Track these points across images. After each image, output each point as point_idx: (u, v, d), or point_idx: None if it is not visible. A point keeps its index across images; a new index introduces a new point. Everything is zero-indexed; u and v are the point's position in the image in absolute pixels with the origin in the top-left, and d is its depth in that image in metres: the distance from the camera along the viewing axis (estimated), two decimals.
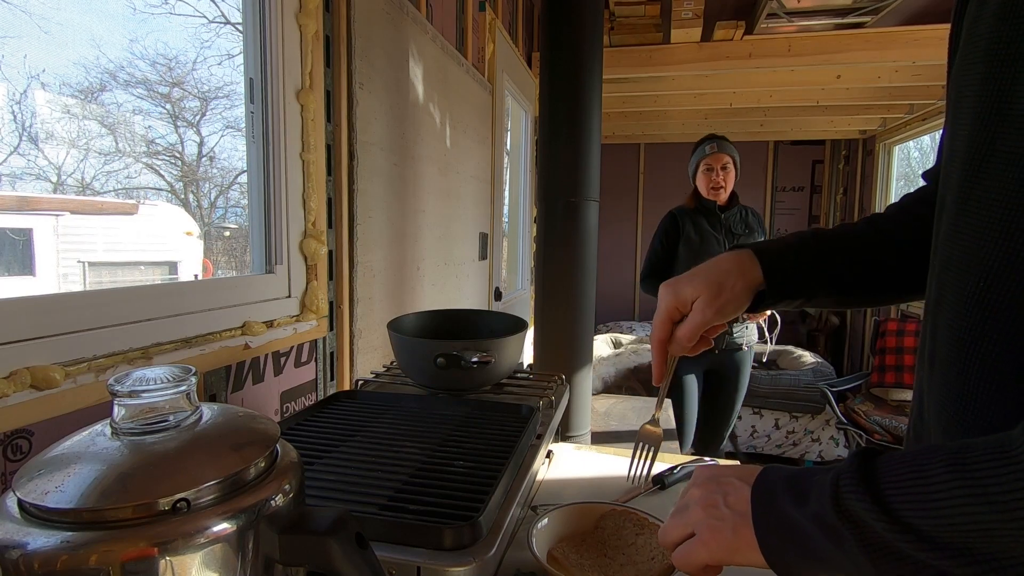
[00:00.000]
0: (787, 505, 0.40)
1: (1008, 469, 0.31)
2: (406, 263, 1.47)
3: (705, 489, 0.47)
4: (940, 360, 0.44)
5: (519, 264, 3.04)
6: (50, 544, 0.31)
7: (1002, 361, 0.38)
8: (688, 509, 0.47)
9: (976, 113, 0.39)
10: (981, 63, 0.39)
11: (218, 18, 1.08)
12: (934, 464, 0.34)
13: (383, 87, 1.30)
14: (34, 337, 0.63)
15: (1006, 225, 0.37)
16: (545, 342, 2.05)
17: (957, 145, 0.42)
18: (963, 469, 0.33)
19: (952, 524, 0.32)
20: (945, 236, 0.44)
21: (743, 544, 0.42)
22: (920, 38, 2.65)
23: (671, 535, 0.48)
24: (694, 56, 2.96)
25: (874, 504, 0.35)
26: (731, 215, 2.28)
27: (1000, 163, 0.38)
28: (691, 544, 0.45)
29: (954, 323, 0.42)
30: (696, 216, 2.29)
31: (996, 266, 0.38)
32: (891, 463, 0.37)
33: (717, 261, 0.63)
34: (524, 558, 0.65)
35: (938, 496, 0.33)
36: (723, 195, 2.26)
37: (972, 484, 0.32)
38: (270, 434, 0.41)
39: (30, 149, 0.87)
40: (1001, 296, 0.38)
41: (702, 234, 2.25)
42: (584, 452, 1.04)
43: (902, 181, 4.83)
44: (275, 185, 1.00)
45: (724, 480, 0.46)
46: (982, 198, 0.39)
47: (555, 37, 1.92)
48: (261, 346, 0.92)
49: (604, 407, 2.89)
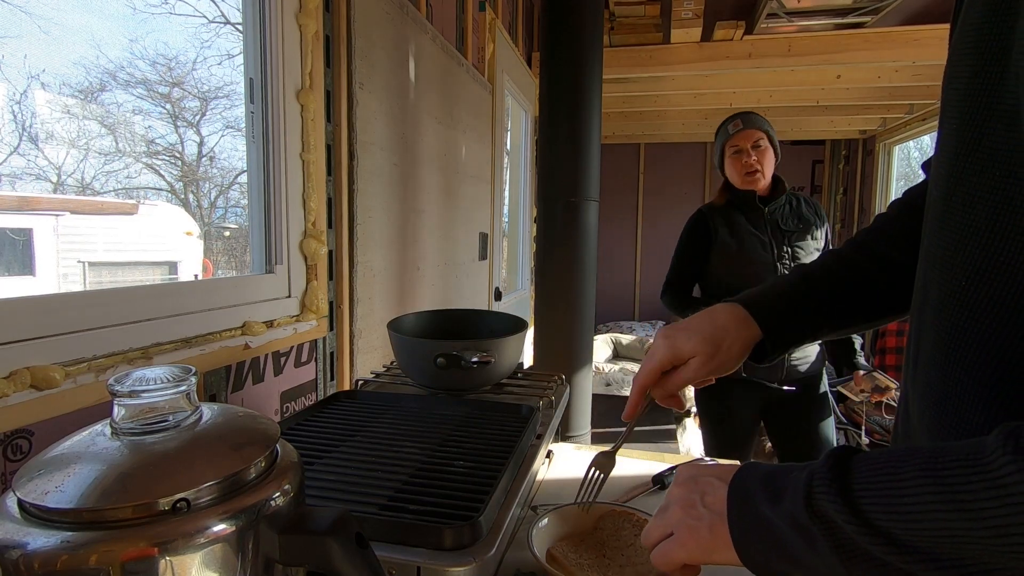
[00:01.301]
0: (762, 504, 0.40)
1: (979, 477, 0.31)
2: (406, 263, 1.47)
3: (684, 489, 0.47)
4: (924, 360, 0.44)
5: (519, 264, 3.04)
6: (50, 544, 0.31)
7: (983, 362, 0.38)
8: (668, 509, 0.47)
9: (964, 107, 0.39)
10: (970, 57, 0.38)
11: (218, 18, 1.08)
12: (907, 468, 0.34)
13: (383, 87, 1.30)
14: (34, 337, 0.63)
15: (990, 223, 0.37)
16: (545, 342, 2.05)
17: (946, 140, 0.42)
18: (935, 474, 0.33)
19: (922, 529, 0.32)
20: (931, 233, 0.44)
21: (720, 544, 0.42)
22: (920, 38, 2.65)
23: (652, 535, 0.48)
24: (694, 56, 2.96)
25: (845, 506, 0.35)
26: (777, 206, 1.72)
27: (985, 158, 0.37)
28: (669, 544, 0.45)
29: (937, 322, 0.42)
30: (731, 213, 1.75)
31: (979, 265, 0.38)
32: (865, 464, 0.36)
33: (713, 314, 0.63)
34: (524, 558, 0.65)
35: (909, 500, 0.33)
36: (761, 181, 1.70)
37: (944, 490, 0.32)
38: (270, 434, 0.41)
39: (30, 149, 0.87)
40: (983, 296, 0.37)
41: (741, 235, 1.71)
42: (584, 452, 1.04)
43: (902, 181, 4.83)
44: (275, 185, 1.00)
45: (703, 479, 0.46)
46: (967, 195, 0.39)
47: (555, 37, 1.92)
48: (261, 346, 0.92)
49: (604, 407, 2.89)
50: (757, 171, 1.70)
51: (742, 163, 1.71)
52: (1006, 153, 0.36)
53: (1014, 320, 0.36)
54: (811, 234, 1.72)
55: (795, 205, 1.76)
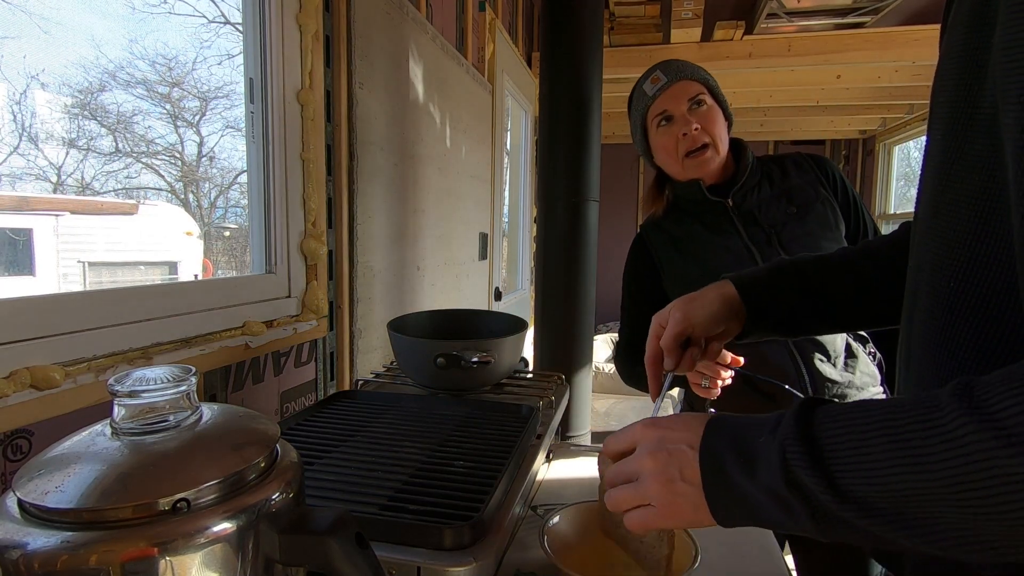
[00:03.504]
0: (737, 475, 0.40)
1: (933, 433, 0.32)
2: (406, 263, 1.47)
3: (658, 461, 0.45)
4: (915, 360, 0.45)
5: (519, 264, 3.04)
6: (50, 544, 0.31)
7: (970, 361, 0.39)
8: (644, 482, 0.46)
9: (948, 118, 0.41)
10: (953, 70, 0.40)
11: (218, 18, 1.08)
12: (870, 430, 0.35)
13: (383, 87, 1.30)
14: (34, 337, 0.63)
15: (974, 227, 0.38)
16: (545, 342, 2.05)
17: (933, 148, 0.44)
18: (895, 434, 0.34)
19: (888, 490, 0.33)
20: (920, 239, 0.46)
21: (703, 516, 0.43)
22: (920, 38, 2.65)
23: (625, 503, 0.47)
24: (694, 56, 2.95)
25: (820, 476, 0.36)
26: (746, 191, 1.07)
27: (968, 167, 0.39)
28: (648, 513, 0.46)
29: (927, 323, 0.43)
30: (680, 223, 1.12)
31: (967, 267, 0.39)
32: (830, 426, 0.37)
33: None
34: (524, 558, 0.65)
35: (874, 463, 0.34)
36: (715, 160, 1.06)
37: (904, 449, 0.33)
38: (270, 434, 0.41)
39: (30, 149, 0.87)
40: (971, 296, 0.39)
41: (700, 253, 1.08)
42: (584, 453, 1.04)
43: (902, 181, 4.83)
44: (275, 185, 1.00)
45: (676, 448, 0.45)
46: (952, 201, 0.40)
47: (555, 37, 1.92)
48: (261, 346, 0.92)
49: (604, 407, 2.89)
50: (705, 145, 1.04)
51: (677, 138, 1.06)
52: (987, 160, 0.37)
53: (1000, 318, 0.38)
54: (815, 215, 1.03)
55: (778, 178, 1.09)
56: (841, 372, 1.02)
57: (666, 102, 1.06)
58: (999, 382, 0.31)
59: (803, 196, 1.06)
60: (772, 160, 1.13)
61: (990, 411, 0.30)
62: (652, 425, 0.48)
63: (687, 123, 1.04)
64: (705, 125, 1.04)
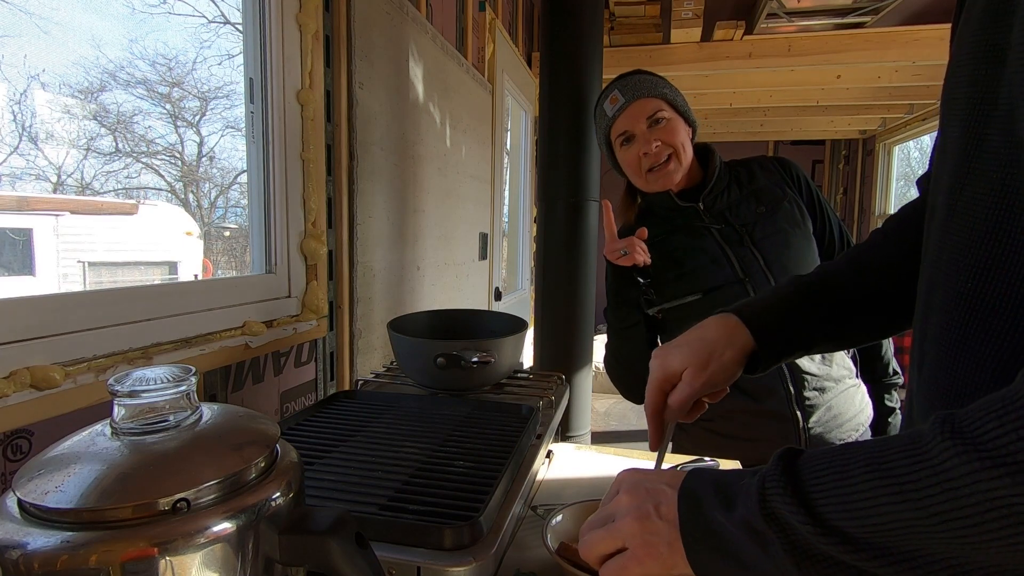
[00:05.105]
0: (714, 511, 0.39)
1: (920, 465, 0.31)
2: (406, 263, 1.47)
3: (635, 498, 0.44)
4: (929, 361, 0.44)
5: (519, 264, 3.04)
6: (50, 544, 0.31)
7: (987, 360, 0.38)
8: (618, 520, 0.44)
9: (965, 115, 0.40)
10: (968, 65, 0.39)
11: (218, 18, 1.08)
12: (854, 465, 0.34)
13: (383, 87, 1.30)
14: (34, 337, 0.63)
15: (993, 225, 0.38)
16: (545, 342, 2.05)
17: (948, 147, 0.42)
18: (880, 468, 0.33)
19: (873, 524, 0.33)
20: (935, 239, 0.45)
21: (679, 559, 0.40)
22: (920, 38, 2.65)
23: (599, 548, 0.44)
24: (694, 56, 2.96)
25: (799, 506, 0.35)
26: (716, 194, 1.12)
27: (987, 164, 0.38)
28: (624, 560, 0.43)
29: (943, 323, 0.42)
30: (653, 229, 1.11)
31: (985, 265, 0.38)
32: (814, 463, 0.36)
33: (703, 329, 0.62)
34: (524, 558, 0.65)
35: (859, 496, 0.33)
36: (678, 172, 1.10)
37: (890, 483, 0.32)
38: (270, 434, 0.41)
39: (30, 149, 0.87)
40: (989, 295, 0.38)
41: (676, 257, 1.12)
42: (584, 452, 1.04)
43: (902, 181, 4.83)
44: (275, 185, 1.00)
45: (654, 487, 0.44)
46: (971, 199, 0.39)
47: (555, 37, 1.92)
48: (261, 346, 0.92)
49: (604, 407, 2.90)
50: (670, 158, 1.09)
51: (639, 157, 1.10)
52: (1004, 155, 0.36)
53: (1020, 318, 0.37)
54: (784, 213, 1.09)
55: (745, 180, 1.14)
56: (819, 365, 1.07)
57: (626, 122, 1.11)
58: (979, 409, 0.31)
59: (771, 196, 1.12)
60: (739, 164, 1.19)
61: (973, 437, 0.30)
62: (635, 470, 0.48)
63: (647, 142, 1.09)
64: (666, 139, 1.09)
